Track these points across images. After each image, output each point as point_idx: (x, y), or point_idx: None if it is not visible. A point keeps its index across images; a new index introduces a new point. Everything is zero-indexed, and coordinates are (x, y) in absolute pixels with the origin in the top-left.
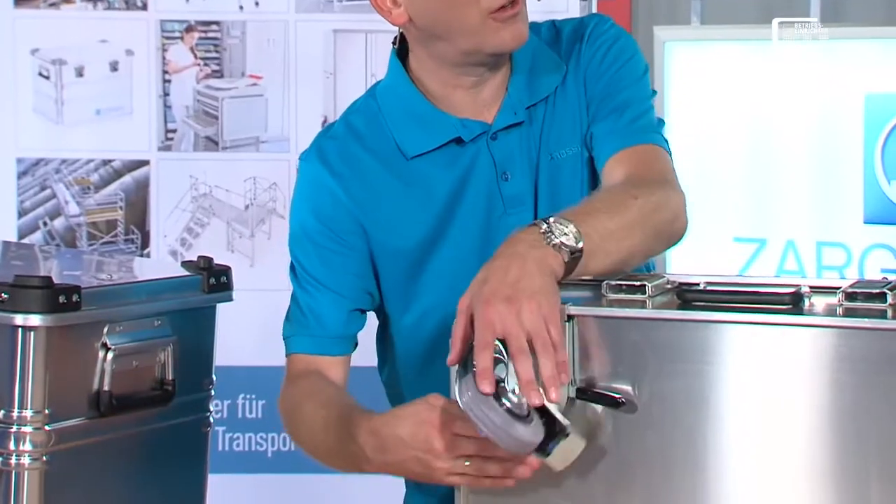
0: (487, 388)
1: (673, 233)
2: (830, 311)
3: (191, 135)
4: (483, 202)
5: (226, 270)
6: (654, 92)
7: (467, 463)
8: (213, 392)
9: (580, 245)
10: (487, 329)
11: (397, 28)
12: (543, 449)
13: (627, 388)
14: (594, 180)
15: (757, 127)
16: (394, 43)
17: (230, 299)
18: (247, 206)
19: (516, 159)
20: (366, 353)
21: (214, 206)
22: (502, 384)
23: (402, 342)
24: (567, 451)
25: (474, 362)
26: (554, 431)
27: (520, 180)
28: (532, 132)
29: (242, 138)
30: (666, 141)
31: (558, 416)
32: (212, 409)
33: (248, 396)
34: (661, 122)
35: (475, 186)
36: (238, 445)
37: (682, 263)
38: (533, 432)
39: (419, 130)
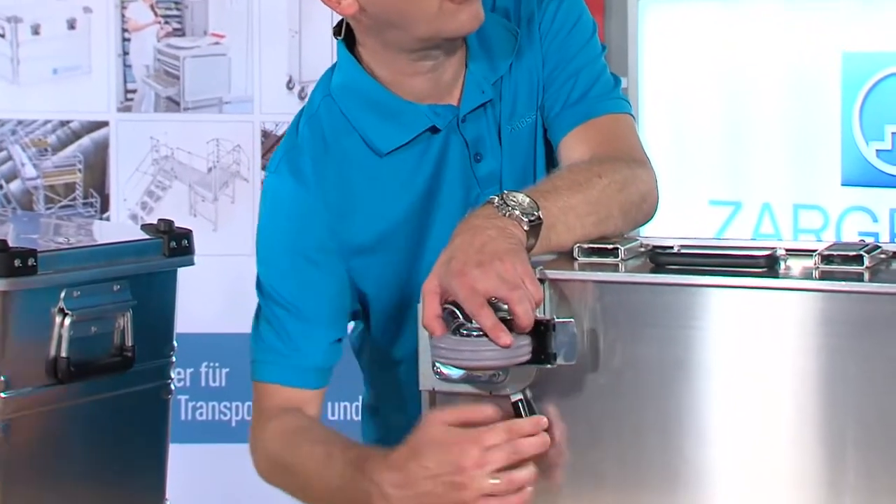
0: (506, 338)
1: (642, 213)
2: (806, 274)
3: (151, 95)
4: (459, 187)
5: (187, 234)
6: (605, 47)
7: (496, 481)
8: (174, 359)
9: (537, 214)
10: (473, 296)
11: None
12: (547, 358)
13: (598, 353)
14: (549, 147)
15: (732, 87)
16: (335, 34)
17: (192, 263)
18: (210, 169)
19: (486, 138)
20: None
21: (176, 169)
22: (460, 324)
23: (391, 339)
24: (566, 342)
25: (478, 326)
26: (543, 337)
27: (491, 159)
28: (495, 107)
29: (205, 99)
30: (625, 101)
31: (536, 315)
32: (173, 376)
33: (211, 364)
34: (617, 79)
35: (451, 172)
36: (201, 414)
37: (656, 227)
38: (522, 337)
39: (390, 125)
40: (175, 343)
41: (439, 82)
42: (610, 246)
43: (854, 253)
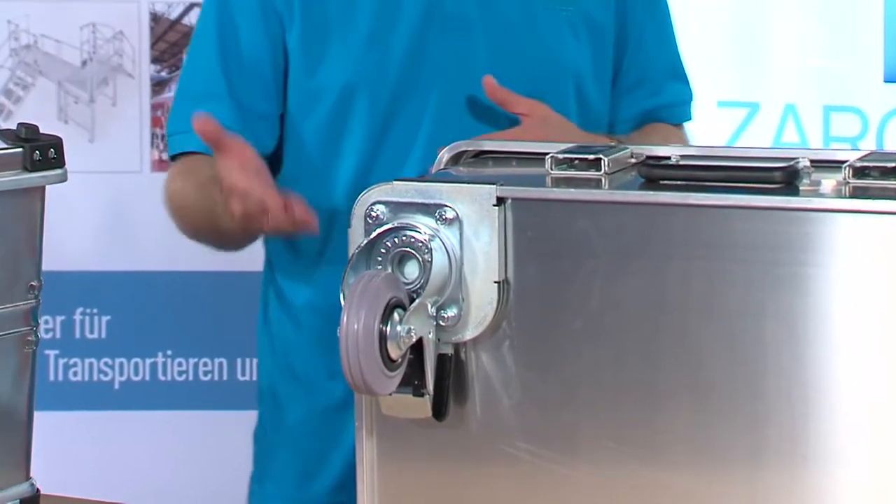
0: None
1: None
2: (834, 192)
3: None
4: (420, 12)
5: (56, 142)
6: None
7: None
8: (40, 300)
9: None
10: None
11: None
12: (417, 386)
13: (573, 290)
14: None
15: None
16: None
17: (62, 180)
18: (84, 63)
19: None
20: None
21: (41, 62)
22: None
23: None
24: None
25: None
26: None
27: (469, 3)
28: None
29: None
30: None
31: (428, 375)
32: (40, 323)
33: (88, 311)
34: None
35: None
36: (76, 374)
37: None
38: (388, 384)
39: None
40: (41, 280)
41: None
42: (591, 156)
43: (894, 164)
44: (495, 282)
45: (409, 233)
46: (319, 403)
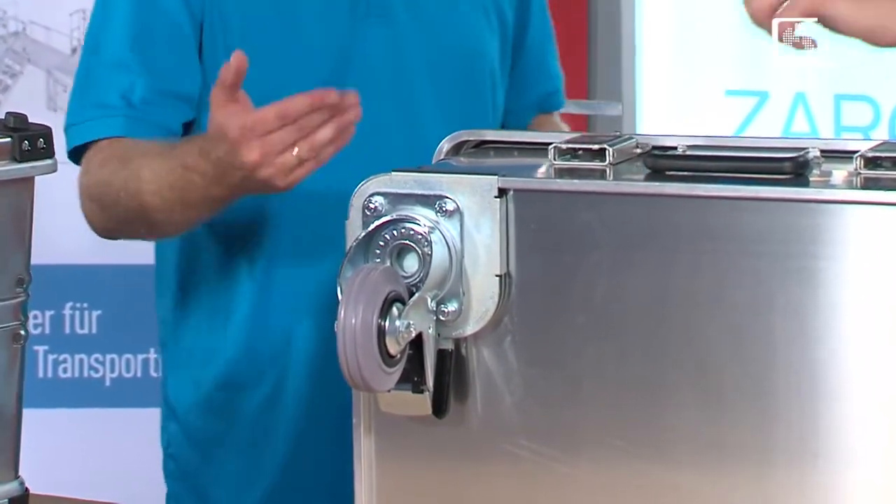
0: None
1: None
2: (845, 182)
3: None
4: (347, 4)
5: (45, 131)
6: None
7: (296, 151)
8: (29, 294)
9: None
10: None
11: None
12: (417, 382)
13: (576, 284)
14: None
15: None
16: None
17: (53, 170)
18: (74, 50)
19: None
20: None
21: (30, 50)
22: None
23: None
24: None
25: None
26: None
27: None
28: None
29: None
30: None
31: (428, 371)
32: (29, 318)
33: (78, 306)
34: None
35: None
36: (65, 371)
37: (659, 123)
38: (387, 380)
39: None
40: (29, 274)
41: None
42: (595, 146)
43: None
44: (497, 275)
45: (408, 225)
46: (246, 413)
